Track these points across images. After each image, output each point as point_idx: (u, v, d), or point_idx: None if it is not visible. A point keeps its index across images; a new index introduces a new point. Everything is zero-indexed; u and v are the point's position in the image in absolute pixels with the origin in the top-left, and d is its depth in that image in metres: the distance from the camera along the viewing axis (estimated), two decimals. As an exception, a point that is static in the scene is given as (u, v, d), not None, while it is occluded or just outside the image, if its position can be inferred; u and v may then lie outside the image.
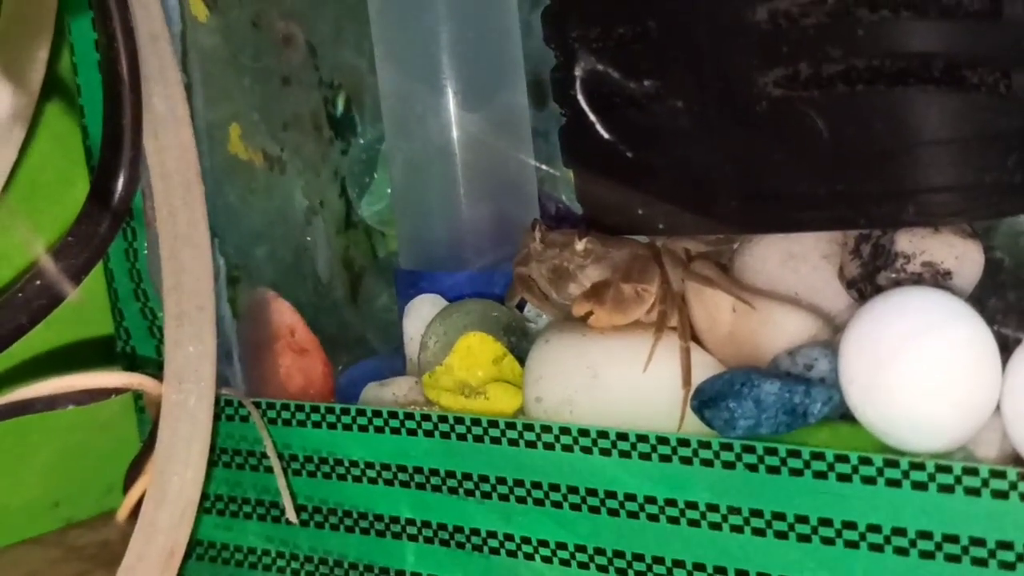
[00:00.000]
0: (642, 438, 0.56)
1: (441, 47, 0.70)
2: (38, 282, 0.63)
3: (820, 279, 0.59)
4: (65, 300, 0.63)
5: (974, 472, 0.49)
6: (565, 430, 0.58)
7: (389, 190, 0.76)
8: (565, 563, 0.59)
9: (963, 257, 0.56)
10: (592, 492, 0.58)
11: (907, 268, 0.56)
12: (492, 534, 0.61)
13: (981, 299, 0.56)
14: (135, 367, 0.72)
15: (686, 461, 0.55)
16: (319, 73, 0.78)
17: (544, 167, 0.74)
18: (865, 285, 0.57)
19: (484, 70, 0.71)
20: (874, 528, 0.51)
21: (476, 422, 0.60)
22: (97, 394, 0.63)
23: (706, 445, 0.54)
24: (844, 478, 0.51)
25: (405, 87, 0.71)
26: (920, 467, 0.50)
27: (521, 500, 0.60)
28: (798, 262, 0.59)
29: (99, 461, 0.83)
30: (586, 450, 0.58)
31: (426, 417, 0.62)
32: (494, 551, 0.61)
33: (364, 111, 0.79)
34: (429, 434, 0.62)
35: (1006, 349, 0.52)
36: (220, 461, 0.70)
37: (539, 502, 0.59)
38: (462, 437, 0.61)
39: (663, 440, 0.55)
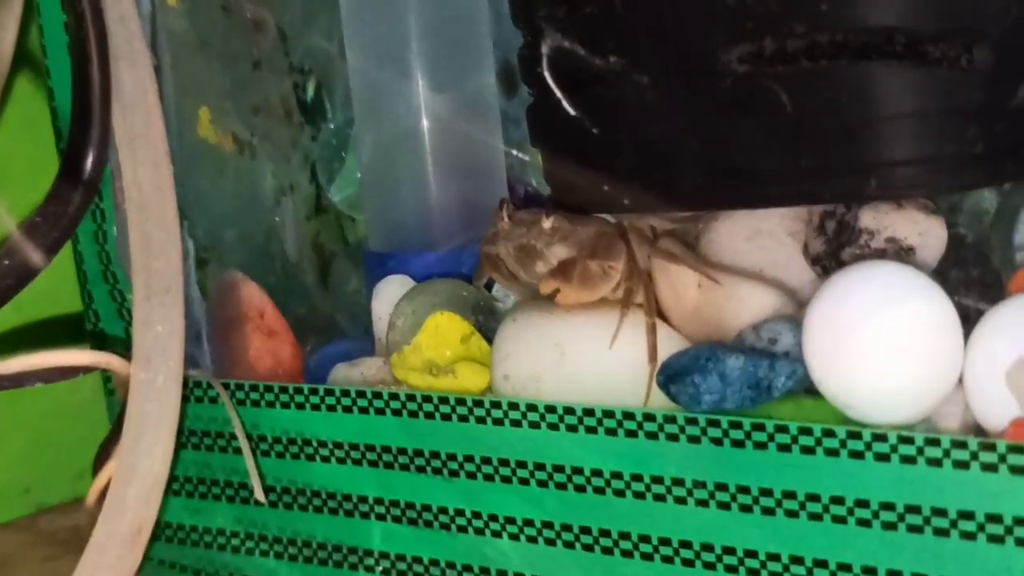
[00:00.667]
0: (608, 414, 0.56)
1: (410, 30, 0.70)
2: (6, 262, 0.63)
3: (785, 256, 0.59)
4: (34, 280, 0.63)
5: (936, 443, 0.49)
6: (532, 407, 0.58)
7: (359, 174, 0.76)
8: (532, 540, 0.59)
9: (926, 233, 0.56)
10: (559, 468, 0.58)
11: (871, 244, 0.56)
12: (459, 512, 0.61)
13: (944, 274, 0.56)
14: (104, 348, 0.72)
15: (652, 436, 0.55)
16: (289, 58, 0.78)
17: (514, 152, 0.74)
18: (830, 261, 0.57)
19: (453, 53, 0.71)
20: (837, 500, 0.51)
21: (443, 400, 0.61)
22: (65, 372, 0.63)
23: (671, 420, 0.55)
24: (808, 450, 0.52)
25: (374, 69, 0.71)
26: (883, 438, 0.50)
27: (488, 478, 0.60)
28: (764, 239, 0.59)
29: (70, 447, 0.83)
30: (553, 427, 0.58)
31: (394, 396, 0.62)
32: (461, 529, 0.62)
33: (334, 97, 0.80)
34: (397, 413, 0.62)
35: (968, 322, 0.53)
36: (189, 443, 0.70)
37: (506, 479, 0.60)
38: (430, 416, 0.61)
39: (629, 415, 0.56)
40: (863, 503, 0.51)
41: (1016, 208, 0.58)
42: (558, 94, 0.61)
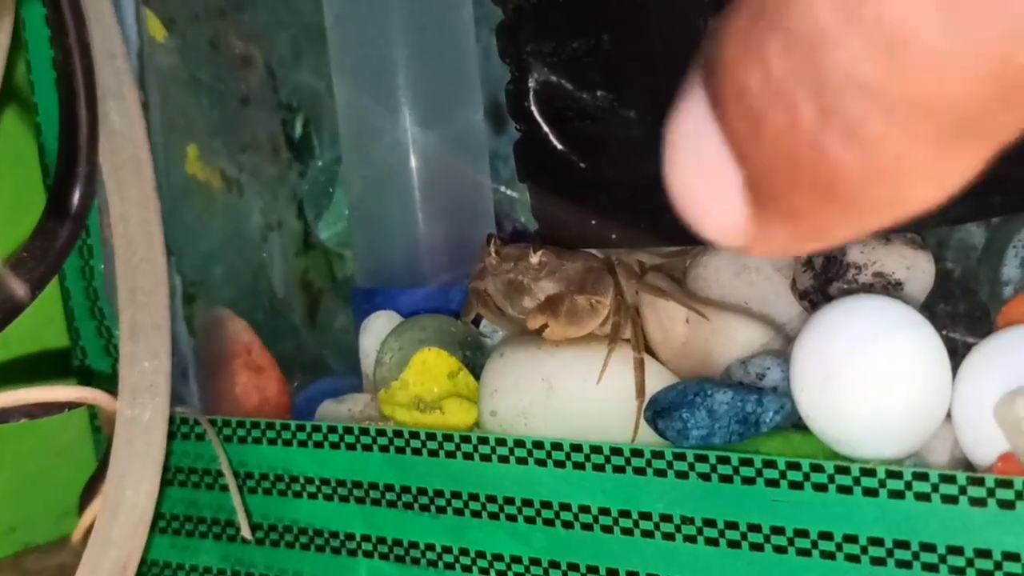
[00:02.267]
0: (596, 449, 0.56)
1: (398, 67, 0.70)
2: (-7, 297, 0.63)
3: (773, 290, 0.59)
4: (20, 315, 0.63)
5: (924, 477, 0.49)
6: (519, 443, 0.58)
7: (347, 211, 0.76)
8: (520, 577, 0.59)
9: (914, 267, 0.56)
10: (546, 504, 0.58)
11: (858, 279, 0.56)
12: (447, 549, 0.61)
13: (931, 308, 0.56)
14: (91, 384, 0.71)
15: (640, 472, 0.55)
16: (277, 95, 0.78)
17: (502, 188, 0.74)
18: (817, 296, 0.57)
19: (440, 89, 0.71)
20: (826, 535, 0.51)
21: (431, 436, 0.60)
22: (51, 408, 0.63)
23: (659, 455, 0.54)
24: (796, 486, 0.51)
25: (362, 106, 0.71)
26: (871, 473, 0.50)
27: (476, 514, 0.60)
28: (751, 274, 0.59)
29: (56, 486, 0.83)
30: (540, 462, 0.57)
31: (381, 432, 0.62)
32: (448, 566, 0.61)
33: (322, 133, 0.80)
34: (384, 449, 0.62)
35: (956, 357, 0.52)
36: (176, 480, 0.69)
37: (494, 516, 0.59)
38: (417, 452, 0.61)
39: (616, 451, 0.55)
40: (852, 538, 0.51)
41: (1003, 243, 0.58)
42: (545, 129, 0.61)
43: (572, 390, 0.59)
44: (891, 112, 0.33)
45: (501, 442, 0.59)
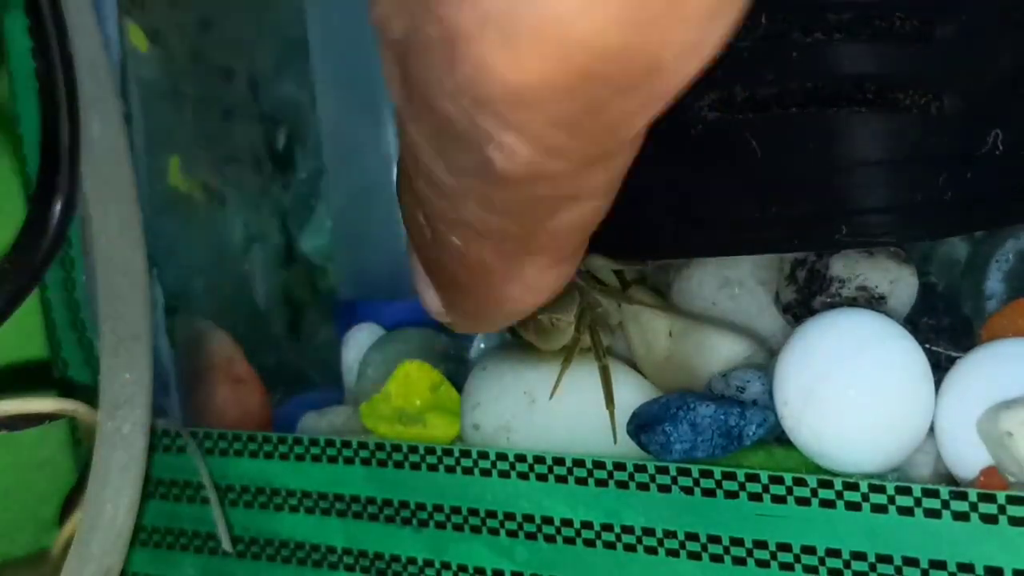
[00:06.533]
0: (578, 463, 0.56)
1: (381, 79, 0.70)
2: (-28, 309, 0.62)
3: (756, 304, 0.59)
4: (-1, 327, 0.63)
5: (907, 491, 0.49)
6: (502, 456, 0.58)
7: (329, 223, 0.76)
8: (501, 591, 0.59)
9: (897, 281, 0.56)
10: (529, 518, 0.58)
11: (842, 292, 0.56)
12: (428, 563, 0.61)
13: (915, 322, 0.56)
14: (73, 396, 0.71)
15: (622, 485, 0.55)
16: (260, 107, 0.78)
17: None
18: (801, 310, 0.57)
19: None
20: (808, 549, 0.51)
21: (413, 449, 0.60)
22: (31, 419, 0.63)
23: (642, 469, 0.54)
24: (779, 499, 0.51)
25: (345, 119, 0.71)
26: (854, 487, 0.50)
27: (458, 528, 0.60)
28: (735, 287, 0.59)
29: (35, 499, 0.82)
30: (523, 476, 0.57)
31: (362, 445, 0.62)
32: (430, 580, 0.61)
33: (306, 146, 0.80)
34: (365, 462, 0.62)
35: (939, 370, 0.52)
36: (156, 493, 0.69)
37: (476, 529, 0.59)
38: (398, 465, 0.61)
39: (599, 464, 0.55)
40: (834, 552, 0.50)
41: (987, 257, 0.58)
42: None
43: (554, 404, 0.59)
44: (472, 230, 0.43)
45: (483, 455, 0.58)
